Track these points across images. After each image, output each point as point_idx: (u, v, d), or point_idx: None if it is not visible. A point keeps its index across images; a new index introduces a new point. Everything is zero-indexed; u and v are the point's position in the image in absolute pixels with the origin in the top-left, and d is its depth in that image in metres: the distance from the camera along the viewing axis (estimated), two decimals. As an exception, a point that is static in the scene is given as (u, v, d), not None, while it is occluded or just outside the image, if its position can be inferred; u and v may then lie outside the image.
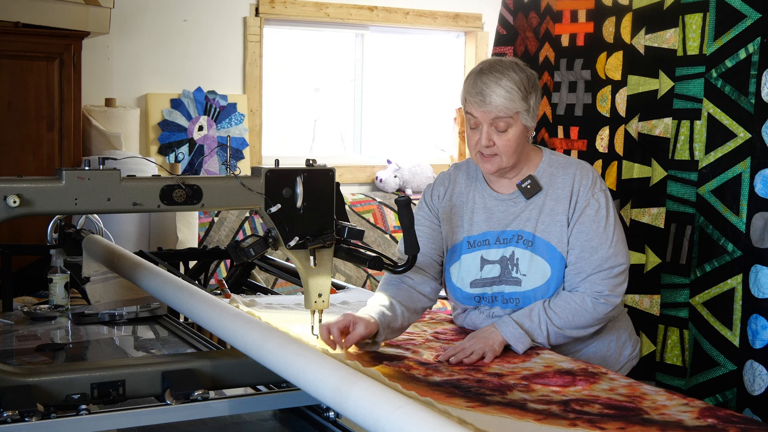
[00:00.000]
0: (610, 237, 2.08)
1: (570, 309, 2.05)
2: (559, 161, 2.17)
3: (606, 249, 2.07)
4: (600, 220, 2.08)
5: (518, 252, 2.12)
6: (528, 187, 2.12)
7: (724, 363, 2.75)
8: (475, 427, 1.45)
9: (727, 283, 2.74)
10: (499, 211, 2.16)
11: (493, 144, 2.07)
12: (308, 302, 1.93)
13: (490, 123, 2.06)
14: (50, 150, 4.34)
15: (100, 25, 4.47)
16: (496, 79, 2.05)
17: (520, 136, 2.08)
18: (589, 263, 2.07)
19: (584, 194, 2.10)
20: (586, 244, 2.07)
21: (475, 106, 2.06)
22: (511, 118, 2.05)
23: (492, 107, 2.04)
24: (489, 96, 2.03)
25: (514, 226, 2.13)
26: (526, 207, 2.14)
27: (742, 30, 2.72)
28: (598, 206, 2.09)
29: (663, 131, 3.01)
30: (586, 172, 2.13)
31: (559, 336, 2.05)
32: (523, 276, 2.10)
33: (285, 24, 5.57)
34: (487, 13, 5.97)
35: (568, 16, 3.47)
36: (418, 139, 6.19)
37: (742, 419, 1.55)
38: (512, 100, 2.03)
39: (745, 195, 2.68)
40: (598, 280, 2.07)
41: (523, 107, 2.05)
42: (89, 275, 2.42)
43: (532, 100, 2.08)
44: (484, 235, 2.16)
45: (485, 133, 2.06)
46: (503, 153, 2.08)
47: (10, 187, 1.64)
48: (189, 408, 1.72)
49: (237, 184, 1.80)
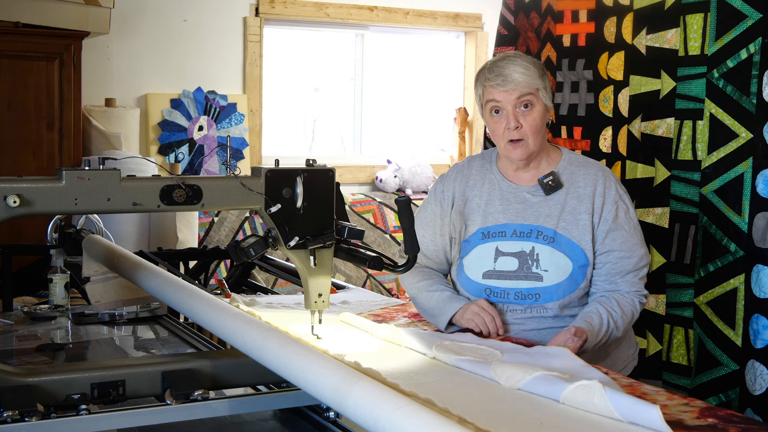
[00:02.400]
0: (640, 237, 2.15)
1: (629, 311, 2.10)
2: (579, 160, 2.21)
3: (639, 248, 2.14)
4: (630, 221, 2.14)
5: (539, 248, 2.13)
6: (550, 183, 2.15)
7: (727, 363, 2.75)
8: (475, 426, 1.44)
9: (730, 283, 2.74)
10: (517, 202, 2.18)
11: (520, 125, 2.11)
12: (308, 302, 1.93)
13: (515, 104, 2.10)
14: (50, 150, 4.34)
15: (100, 25, 4.47)
16: (511, 61, 2.12)
17: (543, 116, 2.14)
18: (628, 263, 2.12)
19: (611, 197, 2.14)
20: (624, 245, 2.12)
21: (498, 89, 2.11)
22: (533, 95, 2.11)
23: (515, 84, 2.09)
24: (510, 75, 2.09)
25: (533, 221, 2.15)
26: (545, 202, 2.16)
27: (743, 30, 2.71)
28: (626, 208, 2.15)
29: (666, 131, 3.00)
30: (608, 174, 2.18)
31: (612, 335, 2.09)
32: (544, 272, 2.12)
33: (285, 24, 5.57)
34: (487, 13, 5.97)
35: (569, 16, 3.47)
36: (418, 139, 6.19)
37: (742, 419, 1.55)
38: (532, 77, 2.11)
39: (747, 195, 2.68)
40: (636, 279, 2.12)
41: (541, 84, 2.12)
42: (89, 275, 2.42)
43: (546, 81, 2.15)
44: (500, 226, 2.18)
45: (512, 114, 2.11)
46: (530, 134, 2.12)
47: (10, 187, 1.63)
48: (189, 408, 1.72)
49: (237, 184, 1.80)
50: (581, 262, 2.12)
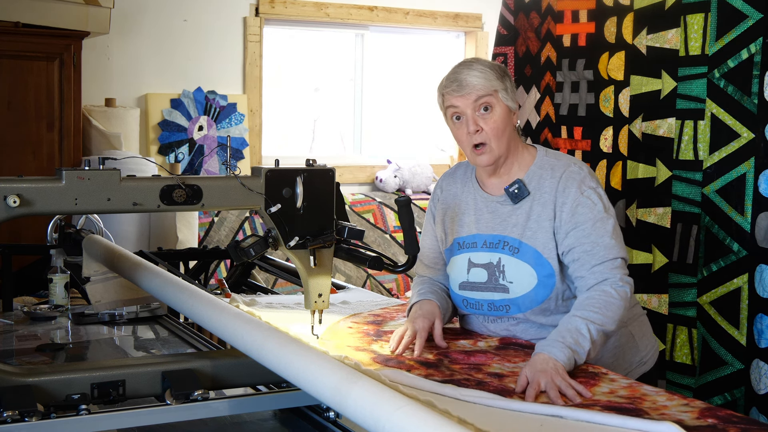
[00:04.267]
0: (609, 230, 2.03)
1: (599, 302, 1.94)
2: (549, 162, 2.12)
3: (607, 239, 2.02)
4: (597, 215, 2.03)
5: (504, 259, 2.09)
6: (516, 191, 2.09)
7: (732, 362, 2.75)
8: (475, 427, 1.44)
9: (733, 283, 2.74)
10: (487, 212, 2.14)
11: (480, 129, 2.06)
12: (308, 302, 1.93)
13: (473, 107, 2.06)
14: (50, 150, 4.34)
15: (100, 25, 4.47)
16: (467, 66, 2.09)
17: (505, 118, 2.07)
18: (593, 255, 2.01)
19: (570, 197, 2.04)
20: (585, 240, 2.02)
21: (454, 95, 2.07)
22: (492, 96, 2.05)
23: (470, 88, 2.05)
24: (465, 79, 2.06)
25: (500, 231, 2.11)
26: (513, 212, 2.10)
27: (744, 30, 2.71)
28: (591, 203, 2.04)
29: (667, 131, 3.00)
30: (572, 173, 2.08)
31: (600, 333, 1.91)
32: (509, 283, 2.07)
33: (285, 24, 5.57)
34: (487, 13, 5.97)
35: (569, 16, 3.47)
36: (418, 139, 6.19)
37: (742, 419, 1.55)
38: (488, 79, 2.05)
39: (750, 195, 2.68)
40: (606, 270, 2.00)
41: (500, 86, 2.06)
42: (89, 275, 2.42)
43: (507, 83, 2.08)
44: (472, 237, 2.15)
45: (470, 118, 2.06)
46: (492, 137, 2.06)
47: (10, 187, 1.63)
48: (189, 408, 1.72)
49: (237, 184, 1.79)
50: (546, 271, 2.05)
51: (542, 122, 3.62)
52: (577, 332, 1.88)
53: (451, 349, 2.02)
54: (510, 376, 1.82)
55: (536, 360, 1.80)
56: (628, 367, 2.15)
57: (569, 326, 1.90)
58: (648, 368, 2.20)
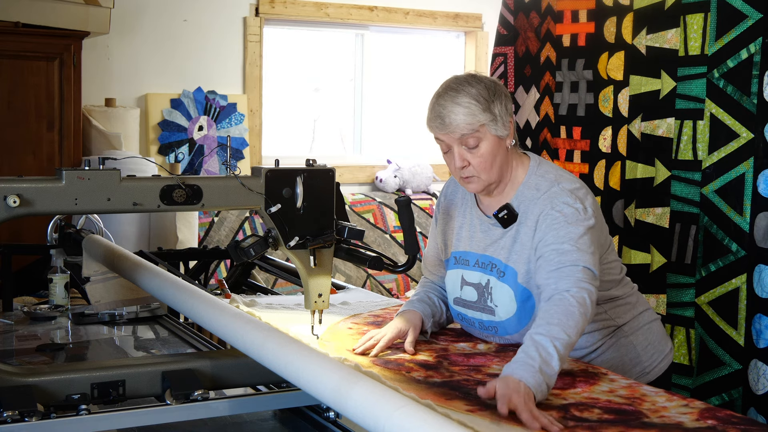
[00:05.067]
0: (573, 237, 1.90)
1: (559, 312, 1.80)
2: (536, 182, 2.02)
3: (568, 245, 1.89)
4: (560, 223, 1.93)
5: (492, 281, 2.04)
6: (505, 217, 2.02)
7: (730, 362, 2.75)
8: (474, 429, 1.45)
9: (731, 283, 2.74)
10: (481, 232, 2.09)
11: (468, 164, 1.98)
12: (308, 302, 1.93)
13: (459, 143, 1.97)
14: (50, 150, 4.34)
15: (100, 25, 4.47)
16: (451, 98, 1.96)
17: (493, 149, 1.97)
18: (549, 261, 1.89)
19: (546, 217, 1.95)
20: (545, 248, 1.92)
21: (438, 131, 1.99)
22: (478, 132, 1.95)
23: (453, 127, 1.95)
24: (447, 117, 1.95)
25: (491, 252, 2.06)
26: (503, 235, 2.04)
27: (744, 30, 2.71)
28: (556, 214, 1.93)
29: (666, 131, 3.00)
30: (555, 195, 1.97)
31: (567, 346, 1.77)
32: (495, 306, 2.04)
33: (285, 24, 5.57)
34: (487, 13, 5.97)
35: (569, 16, 3.47)
36: (418, 139, 6.18)
37: (742, 420, 1.55)
38: (473, 115, 1.94)
39: (749, 195, 2.68)
40: (562, 276, 1.87)
41: (487, 118, 1.95)
42: (89, 275, 2.42)
43: (496, 108, 1.96)
44: (466, 254, 2.11)
45: (457, 154, 1.98)
46: (480, 171, 1.98)
47: (10, 187, 1.63)
48: (189, 408, 1.72)
49: (237, 184, 1.80)
50: (524, 296, 1.99)
51: (541, 122, 3.62)
52: (545, 351, 1.72)
53: (451, 351, 2.02)
54: (509, 376, 1.82)
55: (508, 380, 1.65)
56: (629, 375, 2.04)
57: (536, 345, 1.73)
58: (652, 378, 2.10)
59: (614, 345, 2.08)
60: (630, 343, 2.10)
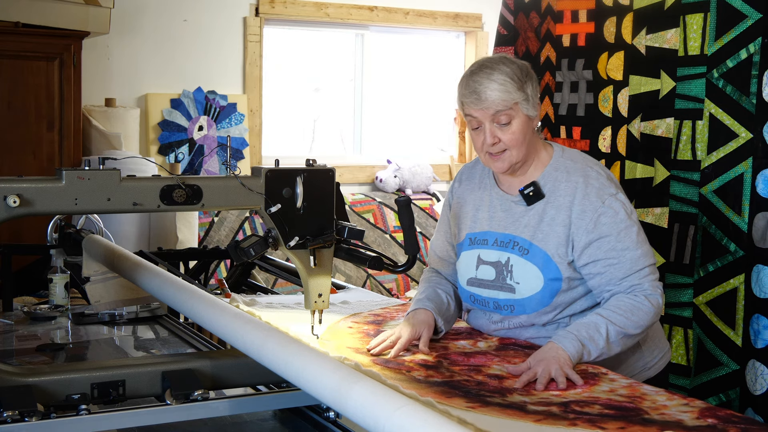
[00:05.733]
0: (633, 239, 1.99)
1: (627, 306, 1.93)
2: (566, 165, 2.08)
3: (633, 250, 1.99)
4: (619, 224, 1.99)
5: (513, 259, 2.07)
6: (530, 194, 2.06)
7: (727, 363, 2.75)
8: (475, 427, 1.45)
9: (729, 283, 2.74)
10: (502, 211, 2.12)
11: (498, 141, 2.03)
12: (308, 302, 1.93)
13: (492, 119, 2.02)
14: (50, 150, 4.34)
15: (100, 25, 4.47)
16: (487, 75, 2.01)
17: (524, 127, 2.03)
18: (619, 269, 1.98)
19: (590, 206, 2.01)
20: (611, 252, 1.98)
21: (472, 107, 2.03)
22: (511, 109, 2.01)
23: (489, 103, 2.00)
24: (484, 93, 2.00)
25: (512, 230, 2.09)
26: (526, 212, 2.08)
27: (743, 30, 2.72)
28: (613, 212, 2.00)
29: (665, 131, 3.00)
30: (591, 179, 2.04)
31: (620, 335, 1.91)
32: (516, 284, 2.06)
33: (285, 24, 5.57)
34: (487, 13, 5.97)
35: (568, 16, 3.47)
36: (418, 139, 6.19)
37: (742, 419, 1.55)
38: (508, 92, 2.00)
39: (747, 195, 2.68)
40: (636, 280, 1.98)
41: (520, 97, 2.01)
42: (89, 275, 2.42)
43: (528, 88, 2.03)
44: (484, 234, 2.14)
45: (488, 131, 2.03)
46: (511, 147, 2.03)
47: (10, 187, 1.63)
48: (189, 408, 1.72)
49: (237, 184, 1.80)
50: (553, 275, 2.03)
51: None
52: (595, 328, 1.89)
53: (451, 351, 2.02)
54: (510, 378, 1.82)
55: (543, 348, 1.86)
56: (631, 372, 2.10)
57: (587, 322, 1.92)
58: (652, 374, 2.15)
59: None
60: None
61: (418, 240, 1.98)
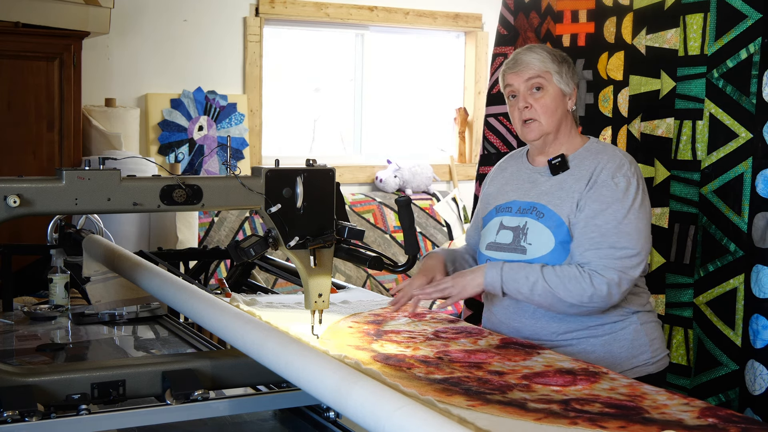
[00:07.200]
0: (619, 218, 2.09)
1: (568, 273, 2.08)
2: (596, 148, 2.24)
3: (612, 227, 2.09)
4: (613, 202, 2.11)
5: (530, 223, 2.20)
6: (557, 164, 2.21)
7: (727, 363, 2.75)
8: (475, 426, 1.45)
9: (729, 283, 2.74)
10: (528, 182, 2.27)
11: (530, 106, 2.19)
12: (308, 302, 1.93)
13: (526, 86, 2.20)
14: (50, 150, 4.34)
15: (100, 25, 4.47)
16: (528, 48, 2.25)
17: (556, 99, 2.20)
18: (587, 240, 2.10)
19: (605, 177, 2.14)
20: (590, 220, 2.11)
21: (509, 73, 2.23)
22: (543, 78, 2.19)
23: (524, 66, 2.20)
24: (522, 59, 2.21)
25: (534, 198, 2.23)
26: (548, 181, 2.23)
27: (743, 30, 2.72)
28: (614, 188, 2.12)
29: (665, 131, 3.00)
30: (613, 158, 2.18)
31: (547, 292, 2.07)
32: (528, 245, 2.18)
33: (285, 24, 5.57)
34: (487, 13, 5.98)
35: (568, 16, 3.47)
36: (418, 139, 6.19)
37: (743, 419, 1.55)
38: (544, 61, 2.20)
39: (747, 195, 2.68)
40: (593, 258, 2.08)
41: (554, 68, 2.20)
42: (89, 275, 2.42)
43: (563, 68, 2.22)
44: (509, 203, 2.28)
45: (522, 96, 2.21)
46: (541, 114, 2.19)
47: (10, 187, 1.63)
48: (189, 408, 1.72)
49: (237, 184, 1.80)
50: (562, 238, 2.14)
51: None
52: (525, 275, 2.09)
53: (452, 347, 2.03)
54: (510, 373, 1.82)
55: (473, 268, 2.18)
56: (636, 361, 2.19)
57: (525, 266, 2.11)
58: (654, 371, 2.23)
59: (627, 328, 2.20)
60: (641, 331, 2.23)
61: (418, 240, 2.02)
